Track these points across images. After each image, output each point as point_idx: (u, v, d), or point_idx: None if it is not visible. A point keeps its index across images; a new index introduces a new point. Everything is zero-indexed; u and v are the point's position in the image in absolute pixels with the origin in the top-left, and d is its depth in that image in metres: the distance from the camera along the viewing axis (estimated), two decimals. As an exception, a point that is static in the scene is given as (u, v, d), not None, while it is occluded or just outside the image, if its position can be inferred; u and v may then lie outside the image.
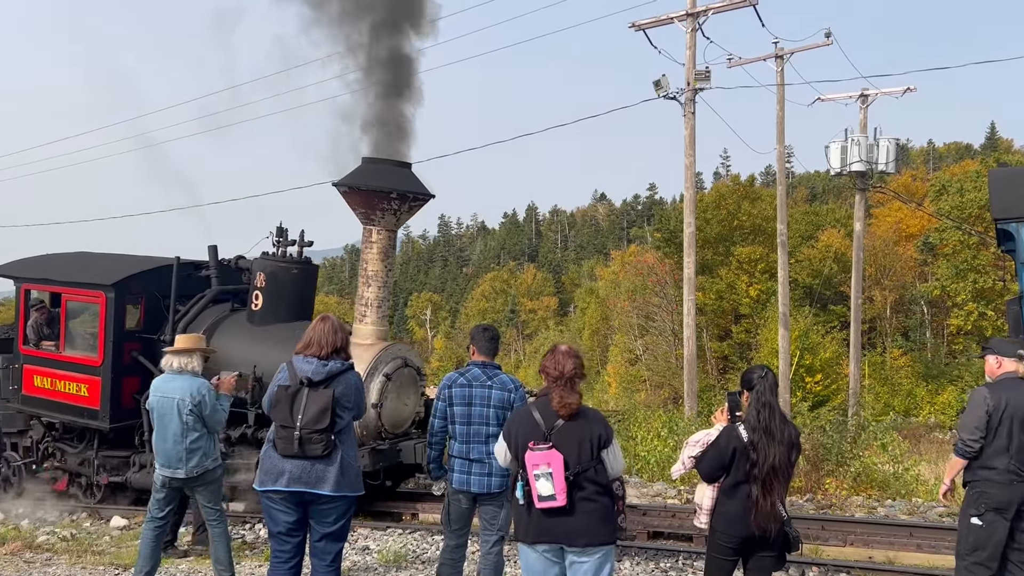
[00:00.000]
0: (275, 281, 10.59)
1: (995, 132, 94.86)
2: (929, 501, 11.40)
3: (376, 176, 9.83)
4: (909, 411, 37.01)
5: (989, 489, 5.50)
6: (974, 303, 41.73)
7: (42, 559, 8.38)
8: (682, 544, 8.90)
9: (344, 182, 9.89)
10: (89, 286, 11.12)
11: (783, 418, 4.82)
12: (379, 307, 10.14)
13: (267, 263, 10.68)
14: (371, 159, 10.07)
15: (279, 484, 5.19)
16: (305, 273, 10.89)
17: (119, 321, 10.89)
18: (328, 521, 5.30)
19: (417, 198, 9.99)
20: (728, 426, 4.91)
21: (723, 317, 45.24)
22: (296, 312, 10.66)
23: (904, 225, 50.85)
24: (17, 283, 12.01)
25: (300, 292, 10.84)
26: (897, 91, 25.71)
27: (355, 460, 5.38)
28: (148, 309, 11.26)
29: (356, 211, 10.06)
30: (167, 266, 11.23)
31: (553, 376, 4.57)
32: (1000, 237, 7.78)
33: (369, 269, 10.12)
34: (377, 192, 9.72)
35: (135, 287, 11.12)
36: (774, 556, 4.91)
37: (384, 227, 10.01)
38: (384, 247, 10.08)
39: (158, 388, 6.65)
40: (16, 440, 12.09)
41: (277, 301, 10.57)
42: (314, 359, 5.28)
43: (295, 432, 5.13)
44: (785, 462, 4.74)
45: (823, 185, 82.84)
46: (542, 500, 4.42)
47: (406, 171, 10.08)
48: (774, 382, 4.86)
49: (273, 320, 10.51)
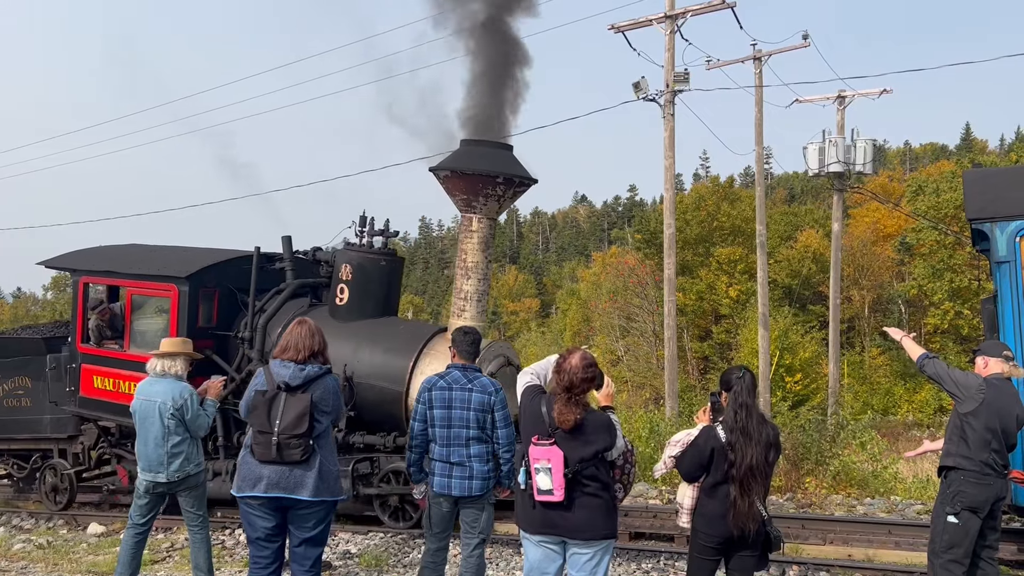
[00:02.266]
0: (362, 274, 9.93)
1: (970, 133, 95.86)
2: (907, 499, 11.51)
3: (478, 159, 9.12)
4: (887, 410, 37.34)
5: (966, 488, 5.55)
6: (951, 302, 42.19)
7: (17, 568, 8.26)
8: (663, 544, 8.93)
9: (445, 166, 9.20)
10: (160, 278, 10.33)
11: (761, 418, 4.85)
12: (479, 301, 9.49)
13: (353, 254, 9.98)
14: (471, 141, 9.38)
15: (257, 490, 5.14)
16: (392, 265, 10.21)
17: (192, 316, 10.17)
18: (307, 526, 5.26)
19: (523, 183, 9.29)
20: (707, 426, 4.94)
21: (703, 318, 45.45)
22: (382, 307, 10.07)
23: (881, 225, 51.33)
24: (75, 276, 11.11)
25: (387, 286, 10.18)
26: (874, 92, 25.98)
27: (334, 465, 5.34)
28: (222, 303, 10.53)
29: (455, 197, 9.37)
30: (242, 257, 10.60)
31: (561, 384, 4.59)
32: (975, 237, 7.88)
33: (468, 260, 9.44)
34: (483, 176, 9.00)
35: (209, 280, 10.41)
36: (755, 556, 4.94)
37: (485, 215, 9.35)
38: (485, 236, 9.43)
39: (141, 391, 6.60)
40: (65, 446, 11.26)
41: (364, 295, 9.92)
42: (291, 363, 5.22)
43: (273, 438, 5.08)
44: (762, 462, 4.77)
45: (801, 186, 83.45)
46: (541, 493, 4.53)
47: (509, 154, 9.40)
48: (752, 383, 4.90)
49: (359, 316, 9.86)
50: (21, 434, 11.62)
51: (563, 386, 4.57)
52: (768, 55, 23.74)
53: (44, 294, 74.25)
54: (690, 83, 20.53)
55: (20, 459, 11.97)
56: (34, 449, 11.65)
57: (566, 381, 4.56)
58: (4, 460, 12.21)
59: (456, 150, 9.42)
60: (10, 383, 11.67)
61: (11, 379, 11.67)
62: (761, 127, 24.19)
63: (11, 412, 11.64)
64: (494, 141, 9.38)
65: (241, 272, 10.47)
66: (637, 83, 20.45)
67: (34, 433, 11.49)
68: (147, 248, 11.59)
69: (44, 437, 11.36)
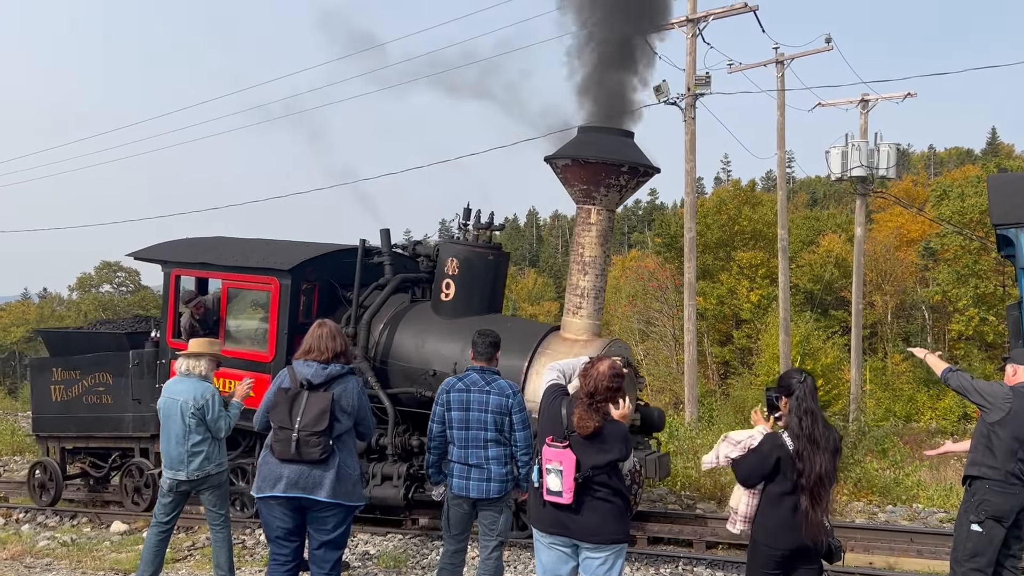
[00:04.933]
0: (470, 268, 9.48)
1: (996, 137, 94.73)
2: (930, 507, 11.39)
3: (599, 147, 8.66)
4: (910, 416, 36.98)
5: (991, 497, 5.51)
6: (975, 308, 41.73)
7: (42, 564, 8.37)
8: (682, 550, 8.90)
9: (565, 154, 8.75)
10: (261, 271, 9.84)
11: (826, 424, 4.65)
12: (596, 298, 9.08)
13: (460, 248, 9.58)
14: (590, 128, 8.92)
15: (276, 490, 5.14)
16: (499, 260, 9.82)
17: (293, 311, 9.69)
18: (326, 529, 5.25)
19: (646, 172, 8.84)
20: (771, 433, 4.73)
21: (724, 322, 45.26)
22: (488, 303, 9.66)
23: (905, 230, 50.85)
24: (166, 268, 10.54)
25: (494, 281, 9.76)
26: (898, 96, 25.74)
27: (354, 469, 5.30)
28: (321, 298, 10.12)
29: (573, 188, 8.94)
30: (342, 251, 10.26)
31: (585, 390, 4.55)
32: (1000, 243, 7.79)
33: (586, 255, 9.03)
34: (606, 164, 8.55)
35: (310, 274, 9.94)
36: (816, 568, 4.74)
37: (605, 206, 8.90)
38: (604, 229, 8.99)
39: (167, 390, 6.70)
40: (147, 445, 10.73)
41: (471, 291, 9.49)
42: (314, 363, 5.25)
43: (293, 434, 5.09)
44: (831, 470, 4.57)
45: (824, 190, 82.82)
46: (550, 494, 4.52)
47: (630, 141, 8.93)
48: (813, 386, 4.69)
49: (465, 312, 9.43)
50: (100, 432, 11.16)
51: (586, 391, 4.54)
52: (790, 58, 23.62)
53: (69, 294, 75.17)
54: (711, 86, 20.46)
55: (97, 458, 11.64)
56: (113, 448, 11.24)
57: (590, 387, 4.53)
58: (81, 459, 11.83)
59: (574, 138, 8.98)
60: (89, 379, 11.23)
61: (91, 375, 11.20)
62: (783, 131, 24.09)
63: (90, 409, 11.22)
64: (615, 128, 8.89)
65: (339, 266, 10.10)
66: (658, 86, 20.38)
67: (114, 431, 11.06)
68: (239, 240, 10.99)
69: (125, 436, 10.94)
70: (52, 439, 11.72)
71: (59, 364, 11.56)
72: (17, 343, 73.74)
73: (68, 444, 11.66)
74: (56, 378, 11.51)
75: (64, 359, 11.55)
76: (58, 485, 11.49)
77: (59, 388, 11.50)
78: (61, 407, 11.47)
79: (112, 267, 72.32)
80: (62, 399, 11.44)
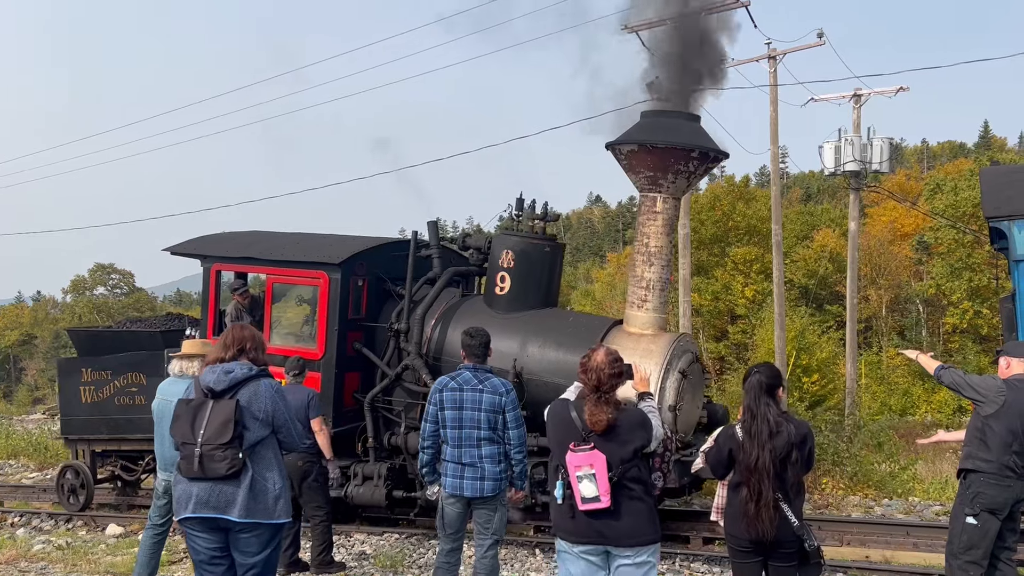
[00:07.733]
0: (526, 261, 9.14)
1: (988, 131, 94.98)
2: (926, 500, 11.41)
3: (667, 132, 8.29)
4: (905, 410, 37.04)
5: (985, 490, 5.52)
6: (969, 301, 41.82)
7: (37, 568, 8.34)
8: (679, 547, 8.90)
9: (631, 139, 8.37)
10: (308, 265, 9.47)
11: (780, 419, 4.71)
12: (662, 290, 8.75)
13: (515, 239, 9.23)
14: (655, 112, 8.62)
15: (188, 510, 4.60)
16: (555, 252, 9.46)
17: (343, 306, 9.35)
18: (249, 551, 4.63)
19: (716, 157, 8.47)
20: (727, 425, 4.96)
21: (719, 318, 45.28)
22: (545, 297, 9.32)
23: (899, 224, 50.95)
24: (206, 263, 10.10)
25: (550, 274, 9.42)
26: (890, 91, 25.76)
27: (273, 482, 4.65)
28: (370, 293, 9.81)
29: (639, 175, 8.53)
30: (390, 244, 10.04)
31: (589, 385, 4.40)
32: (993, 235, 7.81)
33: (651, 245, 8.61)
34: (675, 150, 8.17)
35: (359, 268, 9.64)
36: (791, 566, 4.75)
37: (672, 194, 8.50)
38: (670, 218, 8.60)
39: (160, 391, 6.65)
40: None
41: (527, 284, 9.15)
42: (218, 366, 4.67)
43: (196, 449, 4.51)
44: (768, 464, 4.61)
45: (818, 185, 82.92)
46: (586, 502, 4.27)
47: (698, 126, 8.57)
48: (759, 382, 4.78)
49: (521, 306, 9.10)
50: (134, 434, 10.81)
51: (591, 386, 4.36)
52: (783, 54, 23.59)
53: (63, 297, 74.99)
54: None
55: (128, 461, 11.38)
56: (147, 451, 10.75)
57: (594, 380, 4.36)
58: (111, 462, 11.54)
59: (637, 122, 8.62)
60: (122, 380, 10.94)
61: (123, 376, 10.90)
62: (776, 126, 24.06)
63: (123, 411, 10.94)
64: (682, 111, 8.55)
65: (387, 259, 9.85)
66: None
67: (148, 434, 11.04)
68: (282, 234, 10.60)
69: None
70: (82, 442, 11.41)
71: (89, 364, 11.28)
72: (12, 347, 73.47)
73: (98, 447, 11.36)
74: (86, 379, 11.23)
75: (94, 359, 11.26)
76: (89, 489, 11.16)
77: (89, 389, 11.21)
78: (91, 409, 11.20)
79: (106, 269, 72.17)
80: (92, 400, 11.16)
